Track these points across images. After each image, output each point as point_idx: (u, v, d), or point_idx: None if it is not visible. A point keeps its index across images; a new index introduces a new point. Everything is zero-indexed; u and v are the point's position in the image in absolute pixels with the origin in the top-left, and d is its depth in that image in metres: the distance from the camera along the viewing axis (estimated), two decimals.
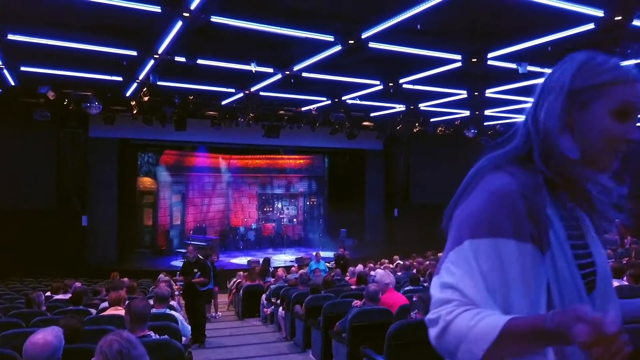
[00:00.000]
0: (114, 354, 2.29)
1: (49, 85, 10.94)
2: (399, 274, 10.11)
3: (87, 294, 7.34)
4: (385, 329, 4.05)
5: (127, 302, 5.44)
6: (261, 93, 12.12)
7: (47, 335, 2.48)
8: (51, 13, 7.91)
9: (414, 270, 10.35)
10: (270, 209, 23.39)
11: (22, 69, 9.93)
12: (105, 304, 5.87)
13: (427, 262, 11.96)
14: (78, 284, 7.99)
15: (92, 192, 15.87)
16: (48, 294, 7.78)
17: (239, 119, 14.49)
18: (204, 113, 14.46)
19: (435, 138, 17.38)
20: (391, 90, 11.24)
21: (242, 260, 17.58)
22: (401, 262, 12.03)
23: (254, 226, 22.31)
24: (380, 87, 11.10)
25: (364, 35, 7.79)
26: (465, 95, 12.04)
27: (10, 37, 7.88)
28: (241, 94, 12.30)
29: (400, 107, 13.94)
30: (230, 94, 12.56)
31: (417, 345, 3.94)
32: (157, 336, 3.55)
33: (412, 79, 10.59)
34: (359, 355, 4.48)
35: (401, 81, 10.74)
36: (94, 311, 5.78)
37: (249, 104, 13.48)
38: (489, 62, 9.15)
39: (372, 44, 8.15)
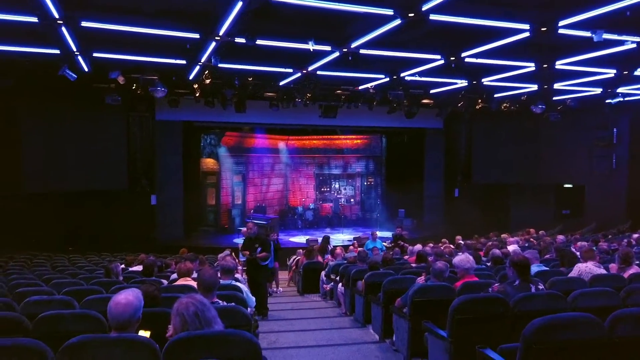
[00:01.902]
0: (191, 315, 2.45)
1: (119, 70, 11.52)
2: (460, 253, 9.89)
3: (157, 266, 7.77)
4: (448, 305, 4.00)
5: (194, 273, 5.74)
6: (318, 72, 12.10)
7: (128, 296, 2.66)
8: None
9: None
10: (328, 189, 23.58)
11: (95, 55, 10.51)
12: (175, 275, 6.22)
13: (490, 243, 11.60)
14: (151, 257, 8.47)
15: (159, 173, 16.71)
16: (122, 266, 8.33)
17: (297, 99, 14.60)
18: (262, 94, 14.69)
19: (499, 115, 16.68)
20: (452, 65, 10.85)
21: (301, 239, 17.91)
22: (463, 242, 11.74)
23: (312, 206, 22.60)
24: (441, 61, 10.73)
25: (425, 8, 7.53)
26: (533, 68, 11.39)
27: (84, 24, 8.33)
28: (299, 74, 12.36)
29: (462, 83, 13.43)
30: (288, 75, 12.65)
31: (482, 321, 3.88)
32: (225, 303, 3.72)
33: (475, 52, 10.13)
34: (420, 330, 4.46)
35: (463, 55, 10.31)
36: (165, 282, 6.13)
37: (307, 84, 13.53)
38: (560, 31, 8.56)
39: (433, 16, 7.87)
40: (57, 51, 10.11)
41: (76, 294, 4.79)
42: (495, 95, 15.33)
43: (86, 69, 11.42)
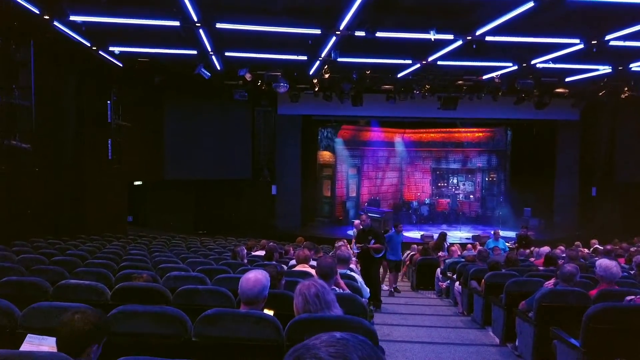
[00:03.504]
0: (312, 296, 2.56)
1: (247, 68, 12.33)
2: (596, 258, 8.91)
3: (278, 252, 8.21)
4: (581, 313, 3.64)
5: (312, 261, 5.95)
6: (439, 62, 11.69)
7: (257, 274, 2.88)
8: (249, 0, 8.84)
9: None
10: (445, 184, 22.77)
11: (226, 54, 11.36)
12: (294, 261, 6.51)
13: (633, 249, 10.27)
14: (272, 243, 8.97)
15: (279, 164, 17.60)
16: (245, 250, 8.94)
17: (414, 91, 14.28)
18: (379, 87, 14.64)
19: None
20: (594, 50, 9.71)
21: (415, 234, 17.59)
22: (600, 247, 10.56)
23: (427, 201, 22.05)
24: (581, 46, 9.68)
25: None
26: None
27: (218, 25, 9.05)
28: (418, 65, 12.07)
29: (604, 69, 12.00)
30: (407, 66, 12.43)
31: (623, 333, 3.47)
32: (342, 290, 3.80)
33: (623, 34, 8.96)
34: (548, 336, 4.12)
35: (608, 37, 9.18)
36: (284, 267, 6.44)
37: (426, 75, 13.16)
38: None
39: None
40: (194, 52, 11.13)
41: (208, 272, 5.26)
42: None
43: (218, 68, 12.40)
